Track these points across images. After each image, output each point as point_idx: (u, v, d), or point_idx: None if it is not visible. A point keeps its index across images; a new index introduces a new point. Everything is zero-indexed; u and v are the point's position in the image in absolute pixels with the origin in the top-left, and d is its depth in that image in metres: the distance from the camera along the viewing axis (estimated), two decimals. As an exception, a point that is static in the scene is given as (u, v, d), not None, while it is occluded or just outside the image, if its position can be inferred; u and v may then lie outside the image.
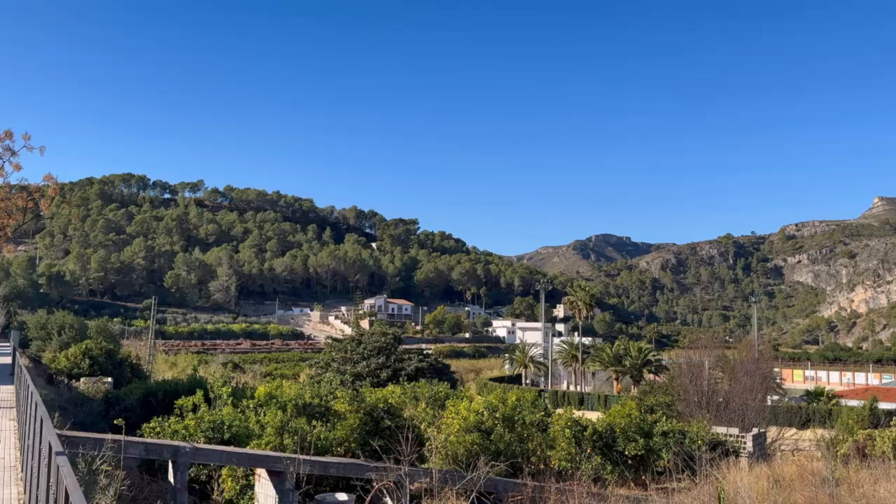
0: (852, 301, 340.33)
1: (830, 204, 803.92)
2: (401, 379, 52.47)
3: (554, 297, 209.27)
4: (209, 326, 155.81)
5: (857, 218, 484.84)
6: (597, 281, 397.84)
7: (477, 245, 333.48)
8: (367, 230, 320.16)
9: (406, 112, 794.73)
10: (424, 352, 77.16)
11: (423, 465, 16.55)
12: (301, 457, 14.39)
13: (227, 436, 17.66)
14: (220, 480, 16.85)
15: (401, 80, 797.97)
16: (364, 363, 59.94)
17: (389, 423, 18.91)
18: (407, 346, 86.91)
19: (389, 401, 21.71)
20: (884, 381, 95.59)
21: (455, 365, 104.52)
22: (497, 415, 21.87)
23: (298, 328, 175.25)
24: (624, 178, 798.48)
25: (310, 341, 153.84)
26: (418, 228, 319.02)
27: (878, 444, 39.81)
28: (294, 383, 31.85)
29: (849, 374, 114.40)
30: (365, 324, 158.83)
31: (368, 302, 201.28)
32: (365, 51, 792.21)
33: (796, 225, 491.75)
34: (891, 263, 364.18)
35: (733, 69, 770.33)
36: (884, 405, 57.09)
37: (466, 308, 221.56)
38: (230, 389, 21.04)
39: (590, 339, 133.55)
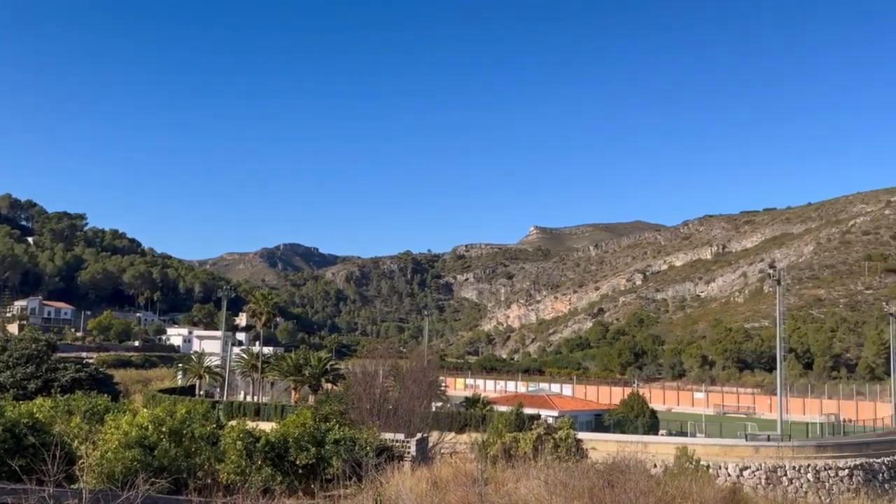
0: (508, 317, 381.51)
1: (495, 229, 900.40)
2: (53, 391, 47.26)
3: (238, 305, 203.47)
4: None
5: (516, 243, 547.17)
6: (283, 290, 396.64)
7: (155, 247, 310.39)
8: (24, 222, 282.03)
9: (83, 97, 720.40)
10: (84, 361, 70.22)
11: (73, 486, 14.98)
12: (-89, 484, 12.17)
13: None
14: None
15: (80, 65, 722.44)
16: (8, 373, 52.63)
17: (34, 439, 16.86)
18: (64, 355, 78.70)
19: (36, 415, 19.38)
20: (529, 388, 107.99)
21: (121, 375, 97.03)
22: (164, 429, 20.71)
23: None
24: (313, 190, 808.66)
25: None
26: (86, 224, 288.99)
27: (521, 445, 45.02)
28: (-89, 397, 27.08)
29: (502, 382, 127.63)
30: (13, 328, 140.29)
31: (20, 303, 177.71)
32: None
33: (466, 246, 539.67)
34: (540, 285, 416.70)
35: (418, 101, 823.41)
36: (528, 410, 64.33)
37: (138, 314, 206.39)
38: None
39: (272, 348, 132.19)
